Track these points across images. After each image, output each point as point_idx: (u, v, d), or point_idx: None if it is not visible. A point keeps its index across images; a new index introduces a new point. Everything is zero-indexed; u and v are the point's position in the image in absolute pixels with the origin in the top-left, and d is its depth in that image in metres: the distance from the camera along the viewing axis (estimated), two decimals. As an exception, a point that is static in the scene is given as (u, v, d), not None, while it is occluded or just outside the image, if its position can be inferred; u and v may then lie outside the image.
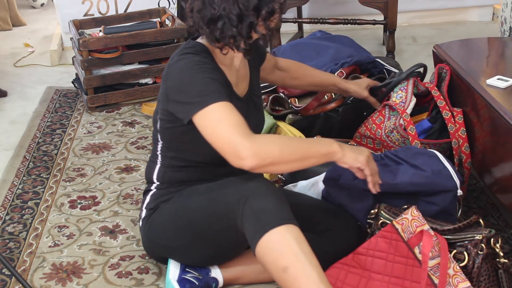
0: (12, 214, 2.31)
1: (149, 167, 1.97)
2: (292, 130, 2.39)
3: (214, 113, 1.63)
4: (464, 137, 2.19)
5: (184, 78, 1.69)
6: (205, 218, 1.76)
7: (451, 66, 2.34)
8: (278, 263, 1.57)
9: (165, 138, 1.87)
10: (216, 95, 1.65)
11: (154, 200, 1.92)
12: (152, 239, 1.91)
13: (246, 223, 1.64)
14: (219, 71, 1.78)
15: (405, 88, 2.36)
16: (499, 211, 2.26)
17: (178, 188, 1.88)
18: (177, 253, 1.88)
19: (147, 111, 3.10)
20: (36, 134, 2.90)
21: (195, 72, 1.69)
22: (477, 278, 1.68)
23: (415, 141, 2.16)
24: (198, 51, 1.76)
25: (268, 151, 1.59)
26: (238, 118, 1.63)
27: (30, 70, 3.74)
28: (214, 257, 1.88)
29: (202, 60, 1.73)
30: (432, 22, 4.37)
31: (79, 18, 3.44)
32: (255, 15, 1.68)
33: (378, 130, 2.30)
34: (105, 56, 3.08)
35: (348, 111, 2.48)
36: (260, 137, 1.62)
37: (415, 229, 1.75)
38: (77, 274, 2.00)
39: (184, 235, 1.82)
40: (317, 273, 1.56)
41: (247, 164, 1.58)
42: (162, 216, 1.87)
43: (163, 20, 3.31)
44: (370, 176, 1.76)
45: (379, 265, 1.77)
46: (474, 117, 2.17)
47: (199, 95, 1.65)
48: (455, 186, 1.90)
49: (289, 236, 1.58)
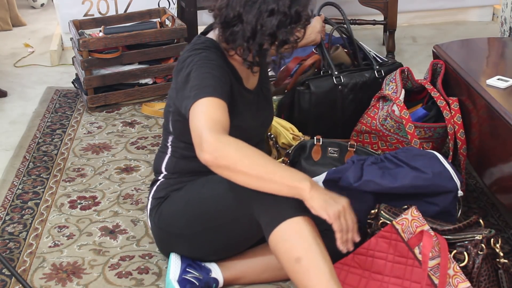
0: (12, 214, 2.31)
1: (158, 158, 1.98)
2: (282, 122, 2.39)
3: (200, 106, 1.63)
4: (459, 123, 2.21)
5: (189, 74, 1.71)
6: (220, 206, 1.76)
7: (451, 66, 2.34)
8: (292, 253, 1.59)
9: (176, 130, 1.89)
10: (209, 89, 1.65)
11: (164, 189, 1.92)
12: (162, 228, 1.91)
13: (262, 211, 1.65)
14: (226, 67, 1.78)
15: (394, 78, 2.41)
16: (499, 211, 2.26)
17: (190, 178, 1.88)
18: (187, 243, 1.88)
19: (147, 111, 3.10)
20: (36, 134, 2.90)
21: (197, 67, 1.71)
22: (477, 278, 1.68)
23: (409, 124, 2.18)
24: (207, 46, 1.78)
25: (226, 154, 1.56)
26: (219, 115, 1.62)
27: (30, 70, 3.74)
28: (224, 248, 1.88)
29: (209, 56, 1.74)
30: (432, 22, 4.37)
31: (79, 18, 3.44)
32: (269, 40, 1.69)
33: (373, 121, 2.33)
34: (105, 56, 3.08)
35: (320, 88, 2.47)
36: (229, 139, 1.58)
37: (415, 229, 1.75)
38: (77, 274, 2.00)
39: (197, 223, 1.81)
40: (329, 268, 1.58)
41: (203, 157, 1.57)
42: (173, 204, 1.87)
43: (163, 20, 3.31)
44: (338, 232, 1.59)
45: (379, 265, 1.77)
46: (474, 117, 2.18)
47: (194, 89, 1.66)
48: (455, 187, 1.91)
49: (305, 228, 1.60)
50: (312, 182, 1.59)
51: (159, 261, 2.05)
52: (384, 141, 2.34)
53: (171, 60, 3.24)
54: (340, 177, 1.93)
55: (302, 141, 2.29)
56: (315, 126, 2.49)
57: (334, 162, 2.23)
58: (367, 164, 1.95)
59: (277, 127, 2.34)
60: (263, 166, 1.57)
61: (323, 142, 2.25)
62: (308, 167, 2.23)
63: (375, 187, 1.90)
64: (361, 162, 1.96)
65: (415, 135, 2.21)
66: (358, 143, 2.31)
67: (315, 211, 1.58)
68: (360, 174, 1.92)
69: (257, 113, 1.94)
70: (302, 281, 1.59)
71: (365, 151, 2.23)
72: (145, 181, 2.50)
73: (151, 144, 2.80)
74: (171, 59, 3.24)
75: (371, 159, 1.98)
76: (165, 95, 3.25)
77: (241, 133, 1.65)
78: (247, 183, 1.59)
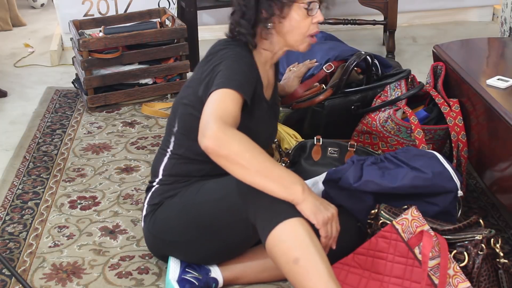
0: (12, 215, 2.31)
1: (157, 159, 1.97)
2: (286, 128, 2.39)
3: (220, 94, 1.67)
4: (461, 126, 2.22)
5: (219, 64, 1.76)
6: (215, 211, 1.76)
7: (451, 67, 2.34)
8: (290, 254, 1.60)
9: (183, 125, 1.89)
10: (236, 83, 1.70)
11: (158, 196, 1.92)
12: (156, 235, 1.91)
13: (259, 214, 1.66)
14: (254, 68, 1.84)
15: (399, 84, 2.42)
16: (499, 212, 2.26)
17: (184, 183, 1.88)
18: (182, 249, 1.88)
19: (147, 111, 3.10)
20: (36, 135, 2.90)
21: (230, 60, 1.76)
22: (477, 278, 1.68)
23: (418, 129, 2.21)
24: (240, 45, 1.84)
25: (228, 143, 1.58)
26: (230, 108, 1.66)
27: (30, 70, 3.74)
28: (219, 254, 1.88)
29: (242, 53, 1.80)
30: (432, 22, 4.37)
31: (79, 18, 3.44)
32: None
33: (373, 122, 2.33)
34: (105, 56, 3.08)
35: (334, 106, 2.48)
36: (234, 132, 1.61)
37: (415, 229, 1.75)
38: (77, 275, 2.00)
39: (192, 229, 1.81)
40: (327, 268, 1.59)
41: (204, 143, 1.60)
42: (167, 211, 1.87)
43: (163, 20, 3.31)
44: (324, 238, 1.65)
45: (379, 265, 1.77)
46: (474, 118, 2.18)
47: (222, 78, 1.71)
48: (455, 187, 1.91)
49: (302, 229, 1.61)
50: (305, 187, 1.63)
51: (159, 261, 2.04)
52: (384, 142, 2.34)
53: (171, 60, 3.24)
54: (340, 178, 1.93)
55: (302, 141, 2.29)
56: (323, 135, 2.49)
57: (334, 162, 2.23)
58: (367, 164, 1.95)
59: (281, 132, 2.36)
60: (262, 162, 1.60)
61: (323, 142, 2.25)
62: (308, 167, 2.23)
63: (375, 187, 1.90)
64: (361, 162, 1.96)
65: (423, 141, 2.20)
66: (358, 143, 2.31)
67: (305, 214, 1.62)
68: (360, 174, 1.92)
69: (268, 122, 1.98)
70: (301, 282, 1.59)
71: (365, 151, 2.23)
72: (145, 181, 2.50)
73: (151, 144, 2.80)
74: (171, 59, 3.24)
75: (371, 159, 1.98)
76: (165, 95, 3.26)
77: (249, 135, 1.66)
78: (243, 177, 1.61)
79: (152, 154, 2.70)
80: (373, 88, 2.48)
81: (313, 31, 1.86)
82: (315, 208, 1.62)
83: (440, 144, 2.32)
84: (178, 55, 3.24)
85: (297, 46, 1.88)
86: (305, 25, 1.84)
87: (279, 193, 1.61)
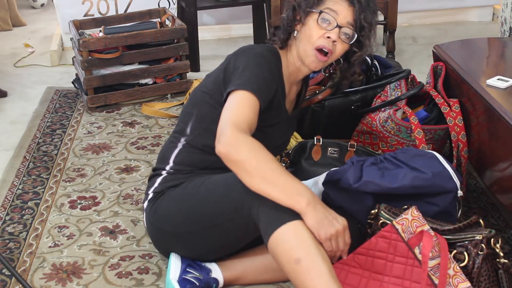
0: (12, 215, 2.31)
1: (168, 148, 1.98)
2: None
3: (238, 98, 1.74)
4: (461, 126, 2.23)
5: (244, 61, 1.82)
6: (217, 206, 1.77)
7: (451, 67, 2.34)
8: (292, 255, 1.62)
9: (200, 111, 1.92)
10: (253, 86, 1.75)
11: (161, 185, 1.93)
12: (156, 225, 1.91)
13: (262, 213, 1.67)
14: (278, 78, 1.89)
15: (399, 84, 2.43)
16: (499, 212, 2.26)
17: (187, 175, 1.89)
18: (181, 242, 1.88)
19: (147, 111, 3.10)
20: (36, 135, 2.90)
21: (254, 63, 1.82)
22: (477, 278, 1.68)
23: (418, 129, 2.21)
24: (271, 50, 1.91)
25: (239, 150, 1.63)
26: (247, 113, 1.71)
27: (30, 70, 3.74)
28: (217, 249, 1.88)
29: (268, 58, 1.87)
30: (432, 22, 4.37)
31: (79, 18, 3.44)
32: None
33: (373, 122, 2.33)
34: (105, 56, 3.08)
35: (334, 106, 2.48)
36: (247, 138, 1.66)
37: (415, 229, 1.75)
38: (77, 275, 2.00)
39: (192, 222, 1.82)
40: (328, 268, 1.60)
41: (218, 148, 1.67)
42: (168, 201, 1.88)
43: (163, 20, 3.31)
44: (328, 252, 1.65)
45: (379, 265, 1.77)
46: (474, 118, 2.18)
47: (243, 78, 1.77)
48: (455, 187, 1.91)
49: (304, 230, 1.63)
50: (312, 200, 1.63)
51: (159, 261, 2.05)
52: (384, 142, 2.34)
53: (171, 60, 3.24)
54: (340, 178, 1.93)
55: (302, 141, 2.29)
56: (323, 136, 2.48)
57: (334, 162, 2.23)
58: (366, 164, 1.95)
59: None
60: (268, 170, 1.63)
61: (323, 142, 2.26)
62: (308, 167, 2.23)
63: (374, 187, 1.90)
64: (361, 163, 1.96)
65: (423, 141, 2.21)
66: (359, 143, 2.31)
67: (309, 227, 1.64)
68: (360, 174, 1.92)
69: (284, 133, 2.03)
70: (303, 282, 1.60)
71: (365, 151, 2.23)
72: (145, 181, 2.50)
73: (151, 144, 2.80)
74: (171, 59, 3.24)
75: (371, 159, 1.98)
76: (165, 95, 3.26)
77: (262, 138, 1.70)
78: (249, 183, 1.65)
79: (152, 154, 2.70)
80: (373, 88, 2.48)
81: (320, 44, 1.86)
82: (317, 223, 1.62)
83: (440, 144, 2.32)
84: (178, 55, 3.24)
85: (305, 57, 1.90)
86: (315, 34, 1.86)
87: (282, 201, 1.64)
